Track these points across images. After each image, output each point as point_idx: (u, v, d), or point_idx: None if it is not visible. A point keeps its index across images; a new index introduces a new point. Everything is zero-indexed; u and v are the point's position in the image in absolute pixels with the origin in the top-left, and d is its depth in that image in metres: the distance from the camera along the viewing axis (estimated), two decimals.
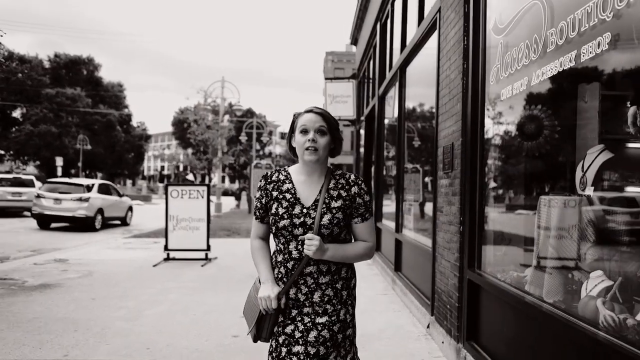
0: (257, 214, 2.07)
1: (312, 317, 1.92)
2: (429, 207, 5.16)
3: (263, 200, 2.03)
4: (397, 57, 6.77)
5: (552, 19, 2.36)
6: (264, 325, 1.97)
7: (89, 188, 15.18)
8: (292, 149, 2.04)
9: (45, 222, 15.00)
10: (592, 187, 2.53)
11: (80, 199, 14.58)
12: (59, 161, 32.96)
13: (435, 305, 4.22)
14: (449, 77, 3.90)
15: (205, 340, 4.32)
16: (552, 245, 2.54)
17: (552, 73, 2.32)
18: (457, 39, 3.69)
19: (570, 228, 2.52)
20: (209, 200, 8.89)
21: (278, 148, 70.66)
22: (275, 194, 1.99)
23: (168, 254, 8.72)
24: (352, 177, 2.02)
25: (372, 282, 7.21)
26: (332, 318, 1.93)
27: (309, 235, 1.84)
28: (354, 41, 13.52)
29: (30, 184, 19.54)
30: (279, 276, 1.97)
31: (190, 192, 8.72)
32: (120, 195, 17.15)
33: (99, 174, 55.52)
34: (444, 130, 4.07)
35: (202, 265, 8.26)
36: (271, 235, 2.09)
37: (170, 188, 8.84)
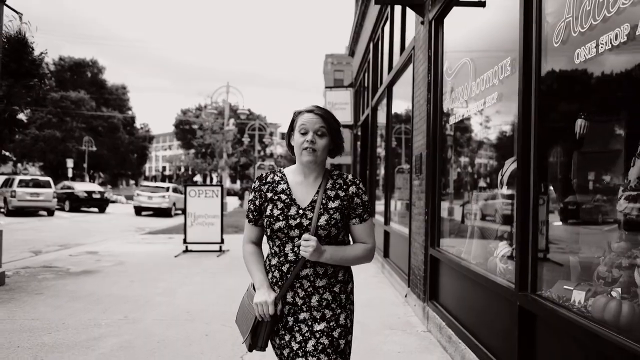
0: (251, 216, 2.01)
1: (310, 323, 1.85)
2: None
3: (257, 202, 1.97)
4: (386, 76, 7.95)
5: (475, 74, 3.55)
6: (259, 333, 1.88)
7: (167, 189, 22.95)
8: (290, 147, 1.99)
9: (139, 211, 22.78)
10: (506, 186, 3.72)
11: (163, 196, 22.20)
12: (70, 163, 34.25)
13: (411, 279, 5.41)
14: (419, 103, 5.09)
15: (229, 308, 5.49)
16: (477, 225, 3.72)
17: (473, 113, 3.51)
18: (424, 74, 4.88)
19: (490, 213, 3.71)
20: (222, 199, 10.07)
21: (279, 148, 71.79)
22: (269, 195, 1.93)
23: (187, 247, 9.90)
24: (350, 177, 1.97)
25: (365, 267, 8.39)
26: (331, 324, 1.86)
27: (306, 236, 1.79)
28: (351, 53, 14.72)
29: (47, 185, 20.72)
30: (274, 280, 1.90)
31: (206, 192, 9.90)
32: (182, 193, 23.01)
33: (102, 175, 56.64)
34: (416, 142, 5.26)
35: (217, 256, 9.44)
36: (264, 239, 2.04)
37: (188, 188, 10.02)
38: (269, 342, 1.93)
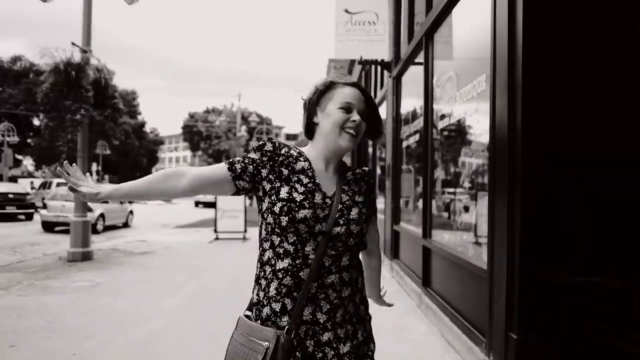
0: (238, 168, 1.45)
1: (335, 345, 1.43)
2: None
3: (261, 171, 1.44)
4: None
5: (411, 120, 5.97)
6: None
7: None
8: (309, 126, 1.53)
9: (197, 204, 33.60)
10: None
11: None
12: (94, 166, 36.87)
13: (385, 248, 7.87)
14: (388, 130, 7.54)
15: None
16: (415, 205, 6.17)
17: (411, 143, 5.96)
18: (391, 109, 7.31)
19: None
20: (245, 197, 12.55)
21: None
22: (285, 172, 1.43)
23: (217, 235, 12.38)
24: (365, 169, 1.62)
25: None
26: (354, 342, 1.49)
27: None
28: (350, 72, 17.17)
29: None
30: (283, 290, 1.39)
31: None
32: None
33: (109, 177, 58.80)
34: (388, 155, 7.70)
35: (242, 242, 11.91)
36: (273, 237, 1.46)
37: None
38: None
